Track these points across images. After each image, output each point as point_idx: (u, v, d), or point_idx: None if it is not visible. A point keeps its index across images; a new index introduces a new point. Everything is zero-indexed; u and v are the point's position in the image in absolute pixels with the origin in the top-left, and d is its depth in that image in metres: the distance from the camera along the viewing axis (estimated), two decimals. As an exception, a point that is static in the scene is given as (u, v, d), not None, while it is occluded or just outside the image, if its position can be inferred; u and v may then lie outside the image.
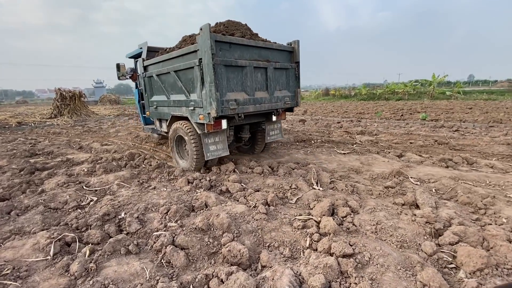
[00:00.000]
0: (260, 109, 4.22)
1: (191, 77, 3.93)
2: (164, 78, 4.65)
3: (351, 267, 2.01)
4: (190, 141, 4.26)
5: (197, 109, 3.93)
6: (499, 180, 3.77)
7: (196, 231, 2.61)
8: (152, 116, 5.59)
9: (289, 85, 4.79)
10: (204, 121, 3.83)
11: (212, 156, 4.19)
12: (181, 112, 4.35)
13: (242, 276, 1.88)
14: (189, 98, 4.10)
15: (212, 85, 3.51)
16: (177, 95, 4.43)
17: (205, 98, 3.66)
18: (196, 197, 3.44)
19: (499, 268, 2.00)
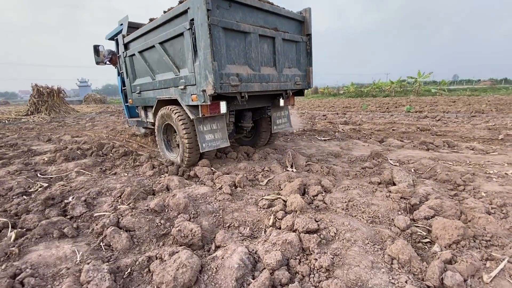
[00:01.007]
0: (267, 88, 3.40)
1: (181, 48, 3.14)
2: (148, 55, 3.85)
3: (314, 243, 1.77)
4: (180, 130, 3.37)
5: (189, 88, 3.13)
6: (479, 159, 3.62)
7: (148, 212, 2.32)
8: (136, 104, 4.71)
9: (300, 62, 3.94)
10: (198, 102, 3.03)
11: (208, 147, 3.32)
12: (169, 94, 3.55)
13: (184, 255, 1.61)
14: (178, 75, 3.31)
15: (208, 52, 2.71)
16: (163, 73, 3.65)
17: (199, 71, 2.89)
18: (158, 181, 3.15)
19: (477, 240, 1.79)
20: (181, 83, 3.22)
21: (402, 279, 1.38)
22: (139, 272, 1.69)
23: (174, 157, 3.86)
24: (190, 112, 3.24)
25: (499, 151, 4.00)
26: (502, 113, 8.35)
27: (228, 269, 1.56)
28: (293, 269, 1.61)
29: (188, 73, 3.12)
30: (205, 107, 3.09)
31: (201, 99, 2.98)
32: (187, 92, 3.18)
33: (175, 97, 3.40)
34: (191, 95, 3.11)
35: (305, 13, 3.86)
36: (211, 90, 2.81)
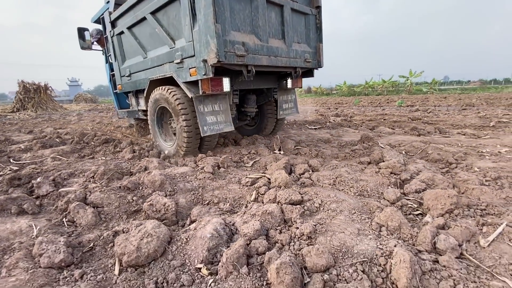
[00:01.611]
0: (275, 63, 2.97)
1: (176, 14, 2.73)
2: (139, 30, 3.41)
3: (297, 213, 1.62)
4: (177, 112, 2.92)
5: (187, 61, 2.71)
6: (471, 142, 3.54)
7: (120, 190, 2.14)
8: (125, 89, 4.17)
9: (309, 37, 3.53)
10: (198, 77, 2.61)
11: (210, 131, 2.87)
12: (163, 72, 3.11)
13: (150, 225, 1.44)
14: (173, 47, 2.88)
15: (210, 12, 2.30)
16: (156, 49, 3.21)
17: (199, 38, 2.47)
18: (137, 164, 2.96)
19: (472, 209, 1.67)
20: (177, 56, 2.79)
21: (391, 244, 1.24)
22: (103, 247, 1.52)
23: (170, 145, 3.38)
24: (188, 90, 2.78)
25: (491, 135, 3.93)
26: (493, 106, 8.38)
27: (200, 239, 1.40)
28: (273, 239, 1.46)
29: (185, 43, 2.69)
30: (206, 82, 2.64)
31: (202, 72, 2.54)
32: (185, 67, 2.76)
33: (170, 74, 2.96)
34: (189, 69, 2.70)
35: None
36: (213, 58, 2.36)
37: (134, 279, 1.24)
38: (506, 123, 4.79)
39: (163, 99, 3.14)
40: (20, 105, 14.28)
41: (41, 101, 14.75)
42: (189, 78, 2.73)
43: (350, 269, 1.15)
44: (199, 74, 2.60)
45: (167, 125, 3.58)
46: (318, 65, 3.70)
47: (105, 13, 4.00)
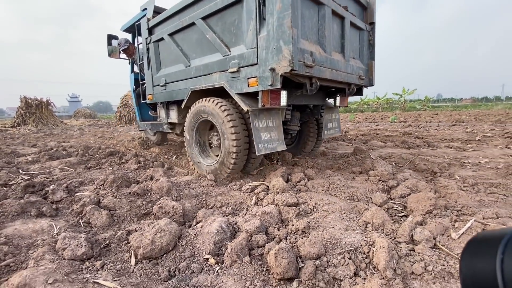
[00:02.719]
0: (336, 77, 2.74)
1: (235, 19, 2.54)
2: (182, 37, 3.20)
3: (293, 214, 1.81)
4: (226, 126, 2.61)
5: (245, 70, 2.47)
6: (456, 154, 3.78)
7: (130, 195, 2.32)
8: (157, 99, 3.90)
9: (363, 53, 3.35)
10: (259, 88, 2.34)
11: (265, 150, 2.55)
12: (211, 81, 2.85)
13: (163, 222, 1.62)
14: (228, 54, 2.65)
15: (287, 15, 2.05)
16: (204, 57, 2.98)
17: (266, 44, 2.24)
18: (143, 173, 3.14)
19: (448, 209, 1.87)
20: (233, 64, 2.55)
21: (374, 236, 1.43)
22: (117, 244, 1.68)
23: (210, 163, 3.00)
24: (242, 103, 2.49)
25: (475, 148, 4.18)
26: (481, 122, 8.74)
27: (207, 234, 1.57)
28: (271, 235, 1.64)
29: (245, 49, 2.46)
30: (266, 95, 2.38)
31: (267, 82, 2.27)
32: (241, 76, 2.51)
33: (220, 84, 2.69)
34: (247, 79, 2.45)
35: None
36: (286, 67, 2.10)
37: (149, 268, 1.40)
38: (490, 137, 5.08)
39: (207, 112, 2.82)
40: (21, 120, 14.47)
41: (42, 116, 14.97)
42: (246, 89, 2.47)
43: (338, 256, 1.33)
44: (262, 84, 2.33)
45: (205, 141, 3.26)
46: (369, 83, 3.49)
47: (142, 20, 3.86)
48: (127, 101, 15.56)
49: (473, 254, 0.37)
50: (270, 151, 2.61)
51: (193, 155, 3.21)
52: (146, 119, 5.08)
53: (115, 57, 4.97)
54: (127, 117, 15.21)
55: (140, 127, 5.21)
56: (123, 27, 4.81)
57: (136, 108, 5.25)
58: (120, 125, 14.25)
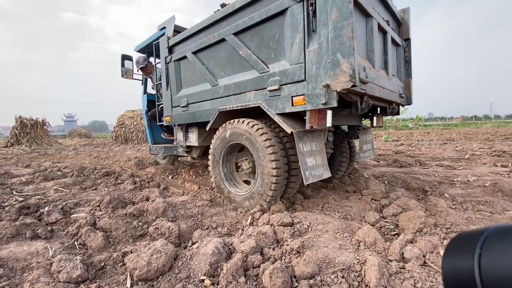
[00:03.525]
0: (383, 95, 2.47)
1: (275, 33, 2.32)
2: (209, 55, 3.01)
3: (288, 233, 1.84)
4: (264, 152, 2.32)
5: (288, 88, 2.23)
6: (446, 173, 3.89)
7: (126, 216, 2.33)
8: (176, 121, 3.63)
9: (400, 71, 3.15)
10: (307, 107, 2.10)
11: (313, 178, 2.22)
12: (244, 101, 2.60)
13: (159, 243, 1.64)
14: (266, 72, 2.40)
15: (345, 25, 1.84)
16: (235, 75, 2.75)
17: (318, 58, 2.01)
18: (139, 194, 3.16)
19: (438, 227, 1.93)
20: (272, 82, 2.32)
21: (366, 254, 1.47)
22: (113, 266, 1.68)
23: (241, 193, 2.64)
24: (285, 124, 2.22)
25: (464, 167, 4.30)
26: (471, 140, 8.99)
27: (203, 255, 1.59)
28: (266, 255, 1.66)
29: (289, 65, 2.23)
30: (314, 115, 2.13)
31: (318, 100, 2.01)
32: (283, 94, 2.27)
33: (256, 104, 2.46)
34: (291, 98, 2.21)
35: (405, 14, 3.09)
36: (345, 82, 1.84)
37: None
38: (479, 156, 5.23)
39: (240, 134, 2.54)
40: (14, 140, 14.37)
41: (37, 136, 14.90)
42: (290, 108, 2.22)
43: (332, 275, 1.36)
44: (311, 103, 2.07)
45: (232, 167, 2.93)
46: (408, 102, 3.26)
47: (161, 38, 3.71)
48: (124, 121, 15.66)
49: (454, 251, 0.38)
50: (317, 179, 2.27)
51: (221, 182, 2.83)
52: (158, 142, 4.96)
53: (129, 78, 4.90)
54: (123, 136, 15.23)
55: (151, 151, 4.98)
56: (137, 47, 4.74)
57: (147, 130, 5.11)
58: (116, 145, 14.24)
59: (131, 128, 15.23)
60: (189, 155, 3.79)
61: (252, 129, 2.43)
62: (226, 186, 2.80)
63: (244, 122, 2.55)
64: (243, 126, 2.52)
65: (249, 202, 2.52)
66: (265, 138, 2.33)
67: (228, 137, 2.69)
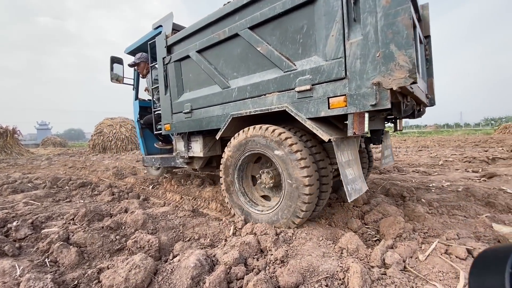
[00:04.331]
0: (420, 95, 2.25)
1: (303, 25, 2.02)
2: (218, 53, 2.67)
3: (271, 242, 1.82)
4: (295, 164, 1.98)
5: (323, 87, 1.91)
6: (423, 179, 4.06)
7: (102, 229, 2.21)
8: (178, 129, 3.23)
9: (423, 70, 2.84)
10: (350, 109, 1.78)
11: (355, 194, 1.93)
12: (265, 105, 2.28)
13: (138, 257, 1.57)
14: (293, 69, 2.08)
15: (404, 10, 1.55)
16: (252, 75, 2.42)
17: (363, 51, 1.71)
18: (117, 206, 3.02)
19: (416, 232, 1.99)
20: (302, 81, 2.01)
21: (349, 262, 1.49)
22: (87, 284, 1.58)
23: (263, 211, 2.30)
24: (320, 130, 1.91)
25: (439, 172, 4.51)
26: (443, 147, 9.48)
27: (184, 269, 1.54)
28: (250, 266, 1.63)
29: (323, 61, 1.91)
30: (356, 119, 1.83)
31: (365, 101, 1.70)
32: (316, 95, 1.95)
33: (281, 107, 2.14)
34: (327, 99, 1.90)
35: (423, 10, 2.84)
36: (403, 79, 1.56)
37: (122, 308, 1.33)
38: (452, 162, 5.52)
39: (262, 144, 2.19)
40: (-19, 150, 13.41)
41: (6, 145, 14.01)
42: (325, 112, 1.90)
43: (316, 284, 1.36)
44: (355, 104, 1.75)
45: (248, 180, 2.58)
46: (431, 103, 3.03)
47: (158, 37, 3.33)
48: (102, 129, 15.12)
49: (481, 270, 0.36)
50: (358, 195, 1.95)
51: (236, 199, 2.49)
52: (152, 152, 4.57)
53: (119, 82, 4.50)
54: (101, 145, 14.66)
55: (145, 163, 4.45)
56: (128, 49, 4.37)
57: (140, 140, 4.66)
58: (94, 154, 13.66)
59: (109, 137, 14.70)
60: (189, 167, 3.48)
61: (279, 138, 2.07)
62: (244, 205, 2.44)
63: (266, 129, 2.17)
64: (264, 134, 2.16)
65: (273, 220, 2.17)
66: (296, 148, 1.99)
67: (244, 146, 2.35)
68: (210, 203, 3.15)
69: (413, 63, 1.53)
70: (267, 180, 2.31)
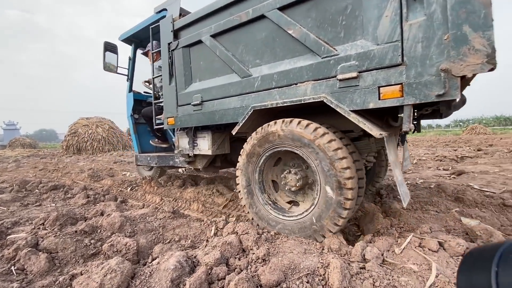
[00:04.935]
0: None
1: (347, 5, 1.80)
2: (238, 37, 2.40)
3: (253, 241, 1.82)
4: (336, 165, 1.76)
5: (372, 75, 1.68)
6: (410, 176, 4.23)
7: (76, 234, 2.10)
8: (184, 124, 2.89)
9: None
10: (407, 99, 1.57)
11: (406, 197, 1.76)
12: (296, 95, 2.03)
13: (114, 261, 1.50)
14: (334, 55, 1.84)
15: None
16: (280, 62, 2.16)
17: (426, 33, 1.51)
18: (92, 209, 2.89)
19: (393, 227, 2.06)
20: (345, 68, 1.78)
21: (329, 258, 1.51)
22: (58, 292, 1.49)
23: (293, 218, 2.02)
24: (368, 125, 1.69)
25: (413, 171, 4.73)
26: (417, 147, 9.96)
27: (164, 271, 1.49)
28: (232, 265, 1.61)
29: (373, 45, 1.69)
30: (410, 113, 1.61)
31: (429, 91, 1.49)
32: (364, 85, 1.72)
33: (318, 98, 1.88)
34: (377, 89, 1.67)
35: None
36: (480, 65, 1.37)
37: (97, 315, 1.26)
38: (425, 160, 5.81)
39: (295, 140, 1.94)
40: None
41: (-32, 147, 12.95)
42: (375, 103, 1.67)
43: (297, 281, 1.37)
44: (416, 95, 1.53)
45: (269, 183, 2.33)
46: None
47: (163, 21, 3.01)
48: (77, 129, 14.42)
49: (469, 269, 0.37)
50: (409, 199, 1.79)
51: (256, 202, 2.24)
52: (147, 150, 4.22)
53: (112, 72, 4.12)
54: (76, 146, 13.98)
55: (138, 161, 4.04)
56: (123, 35, 4.00)
57: (133, 136, 4.26)
58: (67, 156, 12.99)
59: (85, 137, 14.04)
60: (191, 166, 3.20)
61: (314, 134, 1.83)
62: (263, 209, 2.18)
63: (298, 124, 1.93)
64: (297, 129, 1.91)
65: (306, 229, 1.90)
66: (336, 146, 1.77)
67: (269, 143, 2.09)
68: (192, 204, 3.09)
69: (493, 47, 1.34)
70: (293, 182, 2.09)
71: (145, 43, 4.02)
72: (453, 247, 1.58)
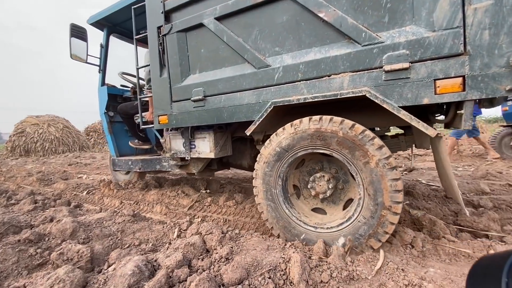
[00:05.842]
0: None
1: None
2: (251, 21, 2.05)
3: (217, 241, 1.80)
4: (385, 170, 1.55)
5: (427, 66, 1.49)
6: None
7: (19, 243, 1.89)
8: (183, 123, 2.46)
9: None
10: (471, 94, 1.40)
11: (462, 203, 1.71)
12: (329, 89, 1.75)
13: (62, 270, 1.38)
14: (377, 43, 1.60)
15: None
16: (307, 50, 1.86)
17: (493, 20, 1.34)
18: (40, 215, 2.62)
19: (351, 221, 2.18)
20: (392, 58, 1.55)
21: (291, 252, 1.55)
22: (-5, 309, 1.33)
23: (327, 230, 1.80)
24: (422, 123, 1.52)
25: (371, 167, 5.06)
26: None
27: (120, 277, 1.41)
28: (195, 267, 1.58)
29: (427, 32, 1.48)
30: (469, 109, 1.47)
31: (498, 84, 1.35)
32: (416, 77, 1.51)
33: (359, 92, 1.64)
34: (433, 82, 1.47)
35: None
36: None
37: (41, 331, 1.15)
38: (382, 158, 6.25)
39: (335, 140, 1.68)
40: None
41: None
42: (430, 98, 1.48)
43: (259, 278, 1.38)
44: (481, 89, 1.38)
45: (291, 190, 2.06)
46: None
47: (150, 1, 2.52)
48: (24, 129, 13.03)
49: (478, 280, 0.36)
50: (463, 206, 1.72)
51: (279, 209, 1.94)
52: (125, 153, 3.73)
53: (81, 61, 3.48)
54: (23, 147, 12.61)
55: (117, 166, 3.57)
56: (93, 18, 3.40)
57: (109, 137, 3.69)
58: (13, 158, 11.67)
59: (34, 137, 12.72)
60: (184, 171, 2.88)
61: (353, 132, 1.62)
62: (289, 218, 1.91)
63: (337, 123, 1.67)
64: (335, 129, 1.67)
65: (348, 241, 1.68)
66: (378, 145, 1.57)
67: (297, 145, 1.80)
68: (155, 206, 2.97)
69: None
70: (322, 188, 1.85)
71: (121, 28, 3.59)
72: (402, 237, 1.72)
